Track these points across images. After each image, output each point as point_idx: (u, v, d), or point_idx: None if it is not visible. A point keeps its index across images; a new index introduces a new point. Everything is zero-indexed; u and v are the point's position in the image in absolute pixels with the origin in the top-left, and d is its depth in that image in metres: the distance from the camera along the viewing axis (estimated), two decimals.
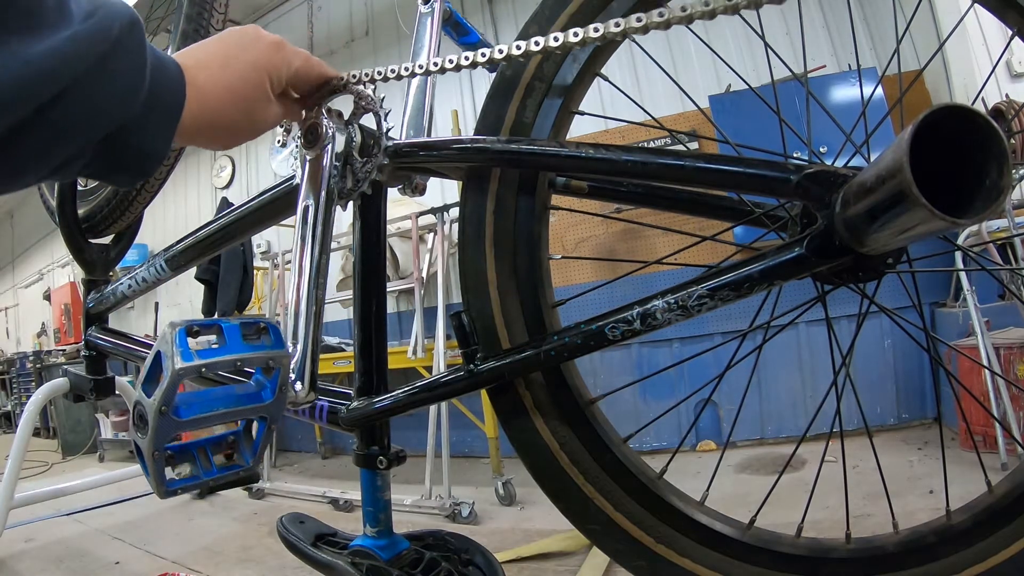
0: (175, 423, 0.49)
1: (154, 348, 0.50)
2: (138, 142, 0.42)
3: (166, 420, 0.48)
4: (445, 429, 2.55)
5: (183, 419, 0.50)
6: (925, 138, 0.39)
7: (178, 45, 1.08)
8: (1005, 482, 0.64)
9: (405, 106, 0.86)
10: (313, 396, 0.68)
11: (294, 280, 0.70)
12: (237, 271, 3.61)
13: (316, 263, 0.69)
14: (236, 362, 0.52)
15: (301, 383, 0.66)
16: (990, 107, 2.31)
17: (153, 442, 0.49)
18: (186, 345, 0.48)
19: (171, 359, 0.47)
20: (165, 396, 0.47)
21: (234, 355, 0.52)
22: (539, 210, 0.74)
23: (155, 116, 0.43)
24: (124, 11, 0.39)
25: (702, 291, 0.58)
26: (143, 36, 0.40)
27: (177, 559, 1.75)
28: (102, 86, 0.37)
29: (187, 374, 0.48)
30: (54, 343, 6.94)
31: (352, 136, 0.71)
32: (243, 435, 0.59)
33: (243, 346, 0.53)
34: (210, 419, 0.53)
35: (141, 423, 0.49)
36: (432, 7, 0.90)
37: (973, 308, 2.07)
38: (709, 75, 3.25)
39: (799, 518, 0.71)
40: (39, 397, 1.91)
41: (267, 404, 0.56)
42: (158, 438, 0.49)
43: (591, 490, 0.72)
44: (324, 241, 0.70)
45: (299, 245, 0.70)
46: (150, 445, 0.49)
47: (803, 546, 0.69)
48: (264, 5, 5.05)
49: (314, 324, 0.69)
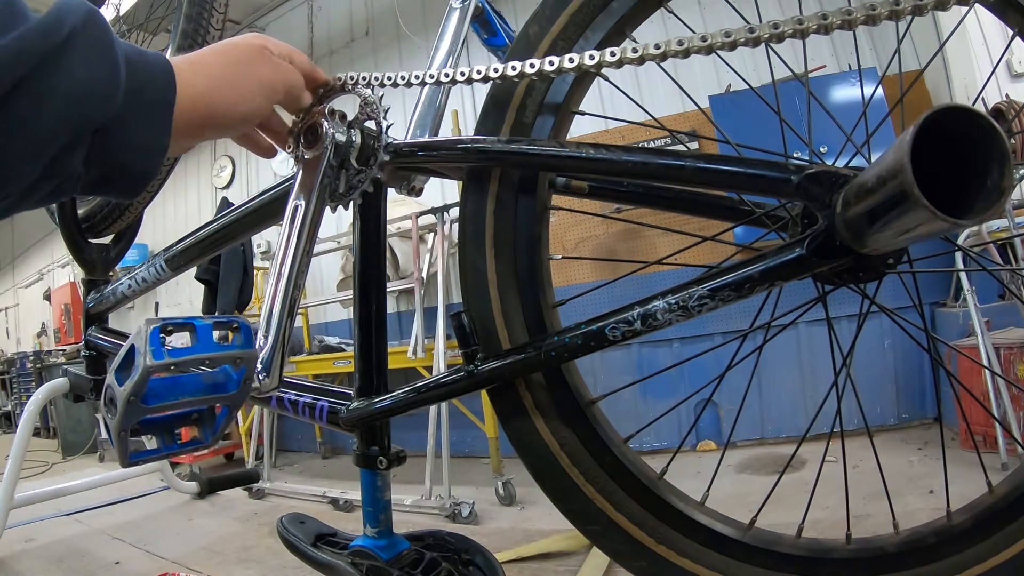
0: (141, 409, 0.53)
1: (129, 340, 0.53)
2: (129, 137, 0.41)
3: (133, 407, 0.52)
4: (445, 429, 2.55)
5: (150, 406, 0.54)
6: (926, 139, 0.39)
7: (178, 44, 1.08)
8: (1006, 482, 0.64)
9: (417, 103, 0.85)
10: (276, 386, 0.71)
11: (273, 277, 0.72)
12: (237, 271, 3.60)
13: (298, 264, 0.71)
14: (205, 360, 0.55)
15: (267, 374, 0.69)
16: (990, 107, 2.31)
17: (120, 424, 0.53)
18: (158, 344, 0.51)
19: (143, 355, 0.50)
20: (135, 388, 0.51)
21: (203, 354, 0.55)
22: (539, 210, 0.74)
23: (143, 109, 0.42)
24: (78, 5, 0.38)
25: (703, 292, 0.58)
26: (105, 29, 0.40)
27: (177, 559, 1.75)
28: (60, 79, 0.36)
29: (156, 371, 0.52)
30: (54, 343, 6.94)
31: (352, 139, 0.71)
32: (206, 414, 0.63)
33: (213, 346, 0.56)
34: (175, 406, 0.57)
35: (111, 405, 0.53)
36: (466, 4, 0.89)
37: (973, 308, 2.07)
38: (709, 75, 3.25)
39: (799, 518, 0.71)
40: (39, 397, 1.91)
41: (231, 395, 0.60)
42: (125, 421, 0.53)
43: (591, 490, 0.72)
44: (309, 243, 0.72)
45: (283, 244, 0.72)
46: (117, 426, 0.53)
47: (803, 546, 0.69)
48: (264, 5, 5.05)
49: (286, 321, 0.71)
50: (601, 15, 0.70)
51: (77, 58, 0.37)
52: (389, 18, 4.24)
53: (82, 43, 0.38)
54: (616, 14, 0.70)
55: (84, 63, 0.38)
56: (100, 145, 0.40)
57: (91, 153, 0.40)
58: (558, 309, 0.77)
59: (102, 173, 0.42)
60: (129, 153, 0.42)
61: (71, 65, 0.37)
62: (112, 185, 0.44)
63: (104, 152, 0.41)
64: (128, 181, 0.44)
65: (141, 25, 1.79)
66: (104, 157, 0.41)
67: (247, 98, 0.54)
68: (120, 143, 0.41)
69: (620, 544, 0.71)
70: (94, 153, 0.40)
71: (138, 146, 0.43)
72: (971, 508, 0.65)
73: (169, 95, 0.44)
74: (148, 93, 0.43)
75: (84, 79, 0.37)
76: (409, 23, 4.03)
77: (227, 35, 0.82)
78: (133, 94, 0.41)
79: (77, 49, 0.37)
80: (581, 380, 0.75)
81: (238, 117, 0.53)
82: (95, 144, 0.40)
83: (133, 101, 0.41)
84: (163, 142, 0.44)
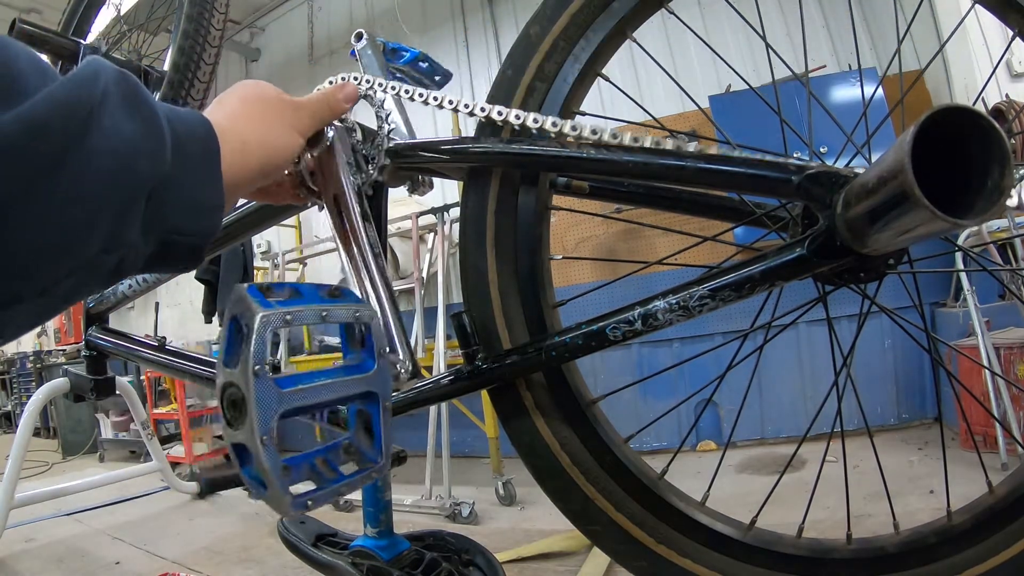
0: (278, 393, 0.41)
1: (225, 318, 0.43)
2: (182, 198, 0.39)
3: (266, 385, 0.40)
4: (445, 429, 2.55)
5: (285, 389, 0.42)
6: (926, 139, 0.39)
7: (179, 44, 1.08)
8: (1006, 483, 0.64)
9: None
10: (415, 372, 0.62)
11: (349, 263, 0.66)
12: (237, 271, 3.60)
13: (366, 238, 0.66)
14: (321, 312, 0.47)
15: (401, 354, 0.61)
16: (990, 107, 2.31)
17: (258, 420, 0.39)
18: (262, 297, 0.43)
19: (251, 312, 0.41)
20: (256, 353, 0.39)
21: (317, 305, 0.46)
22: (540, 210, 0.74)
23: (191, 163, 0.39)
24: (107, 63, 0.36)
25: (703, 292, 0.58)
26: (140, 86, 0.37)
27: (177, 559, 1.75)
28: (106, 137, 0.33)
29: (272, 323, 0.42)
30: (54, 343, 6.94)
31: (353, 131, 0.71)
32: (356, 436, 0.51)
33: (323, 299, 0.48)
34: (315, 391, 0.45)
35: (234, 411, 0.40)
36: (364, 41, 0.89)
37: (973, 308, 2.07)
38: (709, 76, 3.26)
39: (800, 518, 0.71)
40: (39, 397, 1.91)
41: (371, 374, 0.50)
42: (262, 413, 0.39)
43: (592, 490, 0.72)
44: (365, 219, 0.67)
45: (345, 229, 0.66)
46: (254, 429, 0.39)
47: (804, 546, 0.69)
48: (264, 5, 5.05)
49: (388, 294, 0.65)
50: (602, 15, 0.70)
51: (119, 113, 0.34)
52: (389, 18, 4.24)
53: (120, 99, 0.35)
54: (617, 14, 0.70)
55: (126, 118, 0.35)
56: (155, 210, 0.37)
57: (147, 219, 0.37)
58: (559, 309, 0.77)
59: (161, 241, 0.39)
60: (185, 214, 0.39)
61: (114, 119, 0.34)
62: (173, 255, 0.40)
63: (160, 218, 0.38)
64: (188, 248, 0.40)
65: (141, 25, 1.79)
66: (161, 224, 0.38)
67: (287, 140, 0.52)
68: (174, 204, 0.38)
69: (620, 544, 0.71)
70: (150, 220, 0.37)
71: (192, 204, 0.40)
72: (971, 508, 0.65)
73: (213, 143, 0.42)
74: (192, 146, 0.40)
75: (129, 135, 0.35)
76: (409, 23, 4.03)
77: (227, 35, 0.81)
78: (178, 149, 0.38)
79: (117, 105, 0.35)
80: (582, 380, 0.75)
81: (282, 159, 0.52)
82: (149, 210, 0.37)
83: (180, 157, 0.38)
84: (217, 197, 0.41)
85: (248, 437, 0.39)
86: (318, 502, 0.46)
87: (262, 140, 0.49)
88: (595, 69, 0.73)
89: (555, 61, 0.72)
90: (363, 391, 0.49)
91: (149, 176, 0.36)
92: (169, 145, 0.37)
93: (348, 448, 0.51)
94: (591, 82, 0.75)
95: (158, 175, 0.36)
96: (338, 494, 0.48)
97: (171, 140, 0.37)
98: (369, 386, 0.49)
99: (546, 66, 0.72)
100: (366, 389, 0.49)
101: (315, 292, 0.48)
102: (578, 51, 0.71)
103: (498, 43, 3.91)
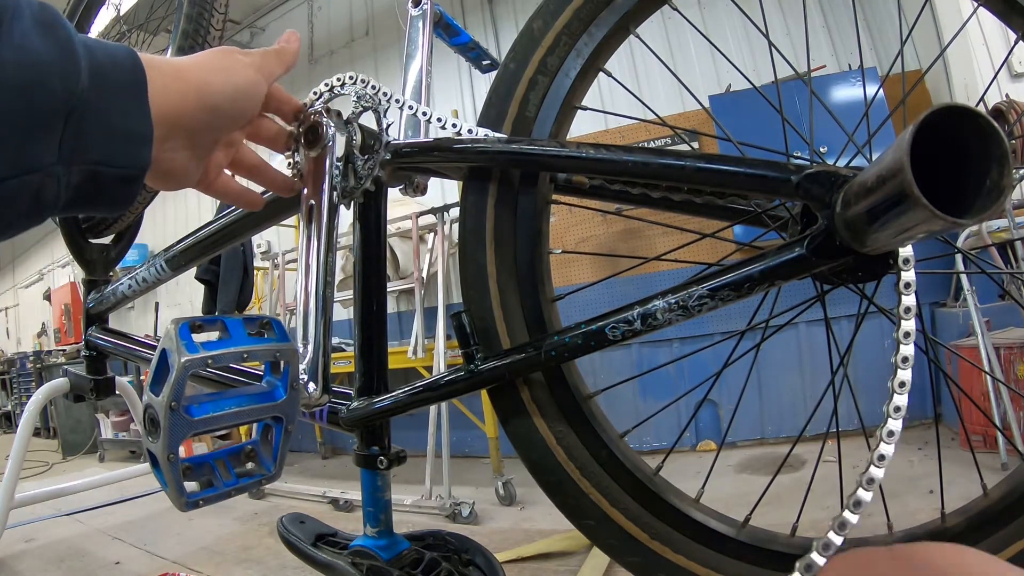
0: (188, 422, 0.47)
1: (158, 348, 0.48)
2: (107, 123, 0.37)
3: (178, 418, 0.46)
4: (445, 429, 2.55)
5: (195, 417, 0.48)
6: (926, 138, 0.39)
7: (179, 44, 1.08)
8: (1001, 485, 0.64)
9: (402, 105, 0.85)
10: (326, 398, 0.67)
11: (302, 280, 0.69)
12: (237, 271, 3.60)
13: (324, 262, 0.69)
14: (243, 354, 0.51)
15: (314, 383, 0.66)
16: (990, 107, 2.31)
17: (167, 443, 0.46)
18: (190, 338, 0.47)
19: (176, 353, 0.46)
20: (174, 391, 0.45)
21: (240, 347, 0.50)
22: (540, 205, 0.74)
23: (115, 88, 0.38)
24: None
25: (702, 291, 0.58)
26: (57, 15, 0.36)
27: (177, 559, 1.75)
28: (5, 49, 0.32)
29: (194, 366, 0.46)
30: (54, 343, 6.95)
31: (352, 135, 0.71)
32: (260, 443, 0.56)
33: (248, 339, 0.51)
34: (223, 419, 0.50)
35: (152, 427, 0.47)
36: (423, 9, 0.90)
37: (973, 308, 2.07)
38: (709, 76, 3.26)
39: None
40: (39, 397, 1.91)
41: (280, 402, 0.55)
42: (172, 438, 0.46)
43: (587, 485, 0.71)
44: (330, 239, 0.70)
45: (305, 244, 0.70)
46: (164, 448, 0.46)
47: (798, 545, 0.69)
48: (264, 5, 5.06)
49: (324, 324, 0.68)
50: (605, 11, 0.70)
51: (33, 32, 0.33)
52: (389, 18, 4.25)
53: (34, 20, 0.34)
54: (620, 10, 0.70)
55: (39, 36, 0.34)
56: (75, 137, 0.36)
57: (67, 146, 0.35)
58: (558, 308, 0.77)
59: (87, 173, 0.37)
60: (109, 143, 0.38)
61: (26, 36, 0.33)
62: (103, 189, 0.39)
63: (82, 147, 0.36)
64: (116, 179, 0.39)
65: (141, 25, 1.79)
66: (85, 152, 0.37)
67: (237, 71, 0.49)
68: (96, 132, 0.37)
69: (614, 539, 0.71)
70: (71, 148, 0.36)
71: (117, 133, 0.38)
72: (965, 511, 0.65)
73: (139, 72, 0.40)
74: (115, 72, 0.38)
75: (40, 52, 0.33)
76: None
77: (227, 35, 0.81)
78: (98, 74, 0.37)
79: (31, 24, 0.34)
80: (580, 378, 0.75)
81: (231, 89, 0.48)
82: (68, 135, 0.35)
83: (100, 81, 0.37)
84: (144, 126, 0.40)
85: (159, 451, 0.47)
86: (208, 502, 0.54)
87: (201, 66, 0.47)
88: (597, 65, 0.73)
89: (558, 55, 0.71)
90: (271, 416, 0.55)
91: (62, 95, 0.35)
92: (85, 68, 0.36)
93: (249, 452, 0.56)
94: (593, 77, 0.75)
95: (72, 96, 0.35)
96: (228, 496, 0.55)
97: (89, 63, 0.36)
98: (277, 412, 0.55)
99: (548, 60, 0.71)
100: (273, 415, 0.55)
101: (243, 331, 0.52)
102: (581, 46, 0.71)
103: (498, 43, 3.91)
